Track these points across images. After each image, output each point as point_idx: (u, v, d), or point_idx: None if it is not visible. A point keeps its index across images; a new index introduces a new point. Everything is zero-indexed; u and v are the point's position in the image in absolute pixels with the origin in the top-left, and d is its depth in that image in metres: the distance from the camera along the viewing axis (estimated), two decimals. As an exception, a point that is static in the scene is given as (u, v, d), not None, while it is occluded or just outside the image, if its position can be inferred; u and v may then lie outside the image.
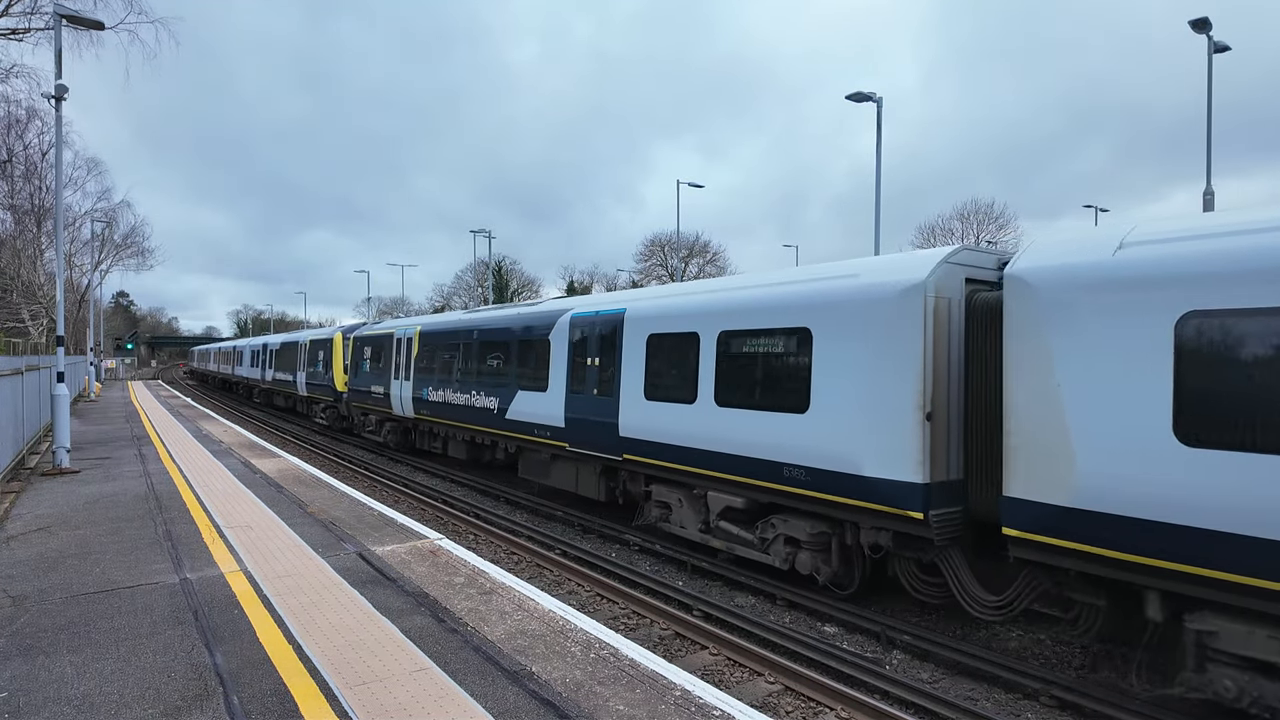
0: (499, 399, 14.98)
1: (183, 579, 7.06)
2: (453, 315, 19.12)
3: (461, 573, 7.45)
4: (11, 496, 11.09)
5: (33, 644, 5.48)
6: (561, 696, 4.72)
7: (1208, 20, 19.02)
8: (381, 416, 21.88)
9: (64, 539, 8.55)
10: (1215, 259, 5.33)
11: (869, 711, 6.27)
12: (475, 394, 15.96)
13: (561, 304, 14.27)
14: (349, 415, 25.03)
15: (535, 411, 13.82)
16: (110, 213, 46.71)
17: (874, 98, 20.72)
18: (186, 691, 4.72)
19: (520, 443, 14.50)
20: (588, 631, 5.92)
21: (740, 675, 7.16)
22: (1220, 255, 5.32)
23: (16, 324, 38.48)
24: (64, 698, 4.63)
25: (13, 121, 33.00)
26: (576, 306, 13.32)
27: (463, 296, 77.72)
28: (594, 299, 13.56)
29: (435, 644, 5.56)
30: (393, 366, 20.44)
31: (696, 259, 69.08)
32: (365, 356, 22.42)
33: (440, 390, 17.63)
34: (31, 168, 37.09)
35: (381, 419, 22.01)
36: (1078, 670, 7.15)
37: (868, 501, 7.67)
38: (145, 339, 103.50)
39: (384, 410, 21.25)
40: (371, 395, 21.82)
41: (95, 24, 15.79)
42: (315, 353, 28.37)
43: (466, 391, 16.35)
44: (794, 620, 8.62)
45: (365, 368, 22.43)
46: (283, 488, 12.02)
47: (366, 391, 22.31)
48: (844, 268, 8.62)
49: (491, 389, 15.40)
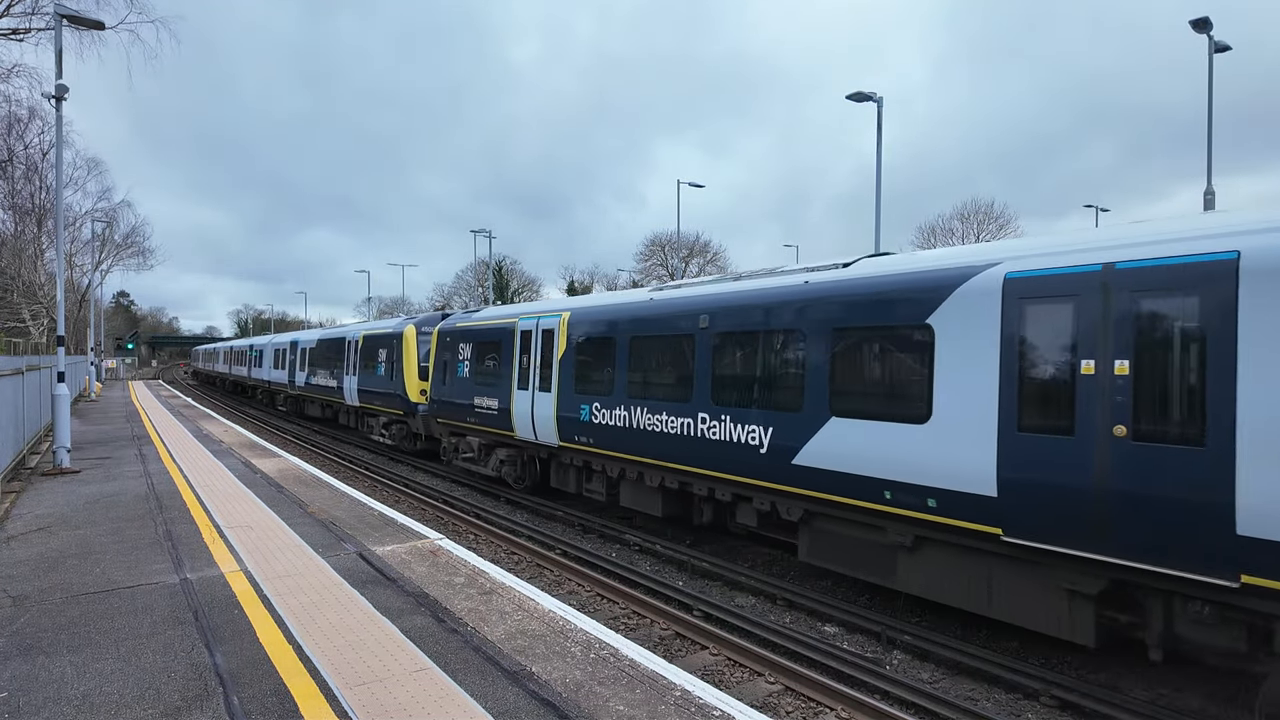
0: (781, 428, 8.75)
1: (183, 579, 7.06)
2: (634, 295, 12.55)
3: (462, 573, 7.45)
4: (12, 496, 11.10)
5: (33, 644, 5.48)
6: (561, 697, 4.72)
7: (1208, 20, 19.01)
8: (492, 440, 15.74)
9: (64, 539, 8.55)
10: None
11: (869, 711, 6.27)
12: (714, 416, 9.71)
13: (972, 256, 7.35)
14: (426, 435, 19.60)
15: (903, 458, 7.45)
16: (111, 212, 46.78)
17: (874, 98, 20.70)
18: (186, 691, 4.72)
19: (827, 512, 8.49)
20: (588, 631, 5.92)
21: (740, 675, 7.15)
22: None
23: (17, 324, 38.50)
24: (64, 698, 4.63)
25: (13, 121, 33.03)
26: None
27: (463, 296, 77.73)
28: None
29: (435, 644, 5.56)
30: (515, 371, 14.42)
31: (697, 259, 69.08)
32: (463, 357, 16.57)
33: (622, 407, 11.49)
34: (32, 167, 37.13)
35: (491, 443, 15.84)
36: (1078, 670, 7.15)
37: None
38: (146, 339, 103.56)
39: (497, 432, 15.15)
40: (475, 410, 15.71)
41: (96, 24, 15.80)
42: (372, 351, 22.46)
43: (697, 412, 9.99)
44: (794, 620, 8.61)
45: (463, 371, 16.51)
46: (283, 488, 12.02)
47: (463, 406, 16.23)
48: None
49: (767, 409, 9.02)
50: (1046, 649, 7.59)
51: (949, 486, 6.93)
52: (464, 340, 16.66)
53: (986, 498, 6.62)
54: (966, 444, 6.75)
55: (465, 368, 16.44)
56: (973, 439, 6.69)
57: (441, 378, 17.43)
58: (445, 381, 17.17)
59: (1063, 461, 6.13)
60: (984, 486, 6.65)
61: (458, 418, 16.66)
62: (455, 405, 16.70)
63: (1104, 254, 6.20)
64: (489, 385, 15.30)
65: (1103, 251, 6.22)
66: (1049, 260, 6.47)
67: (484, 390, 15.45)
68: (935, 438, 7.05)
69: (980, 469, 6.52)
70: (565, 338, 13.03)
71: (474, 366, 16.12)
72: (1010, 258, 6.75)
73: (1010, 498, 6.45)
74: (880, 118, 21.04)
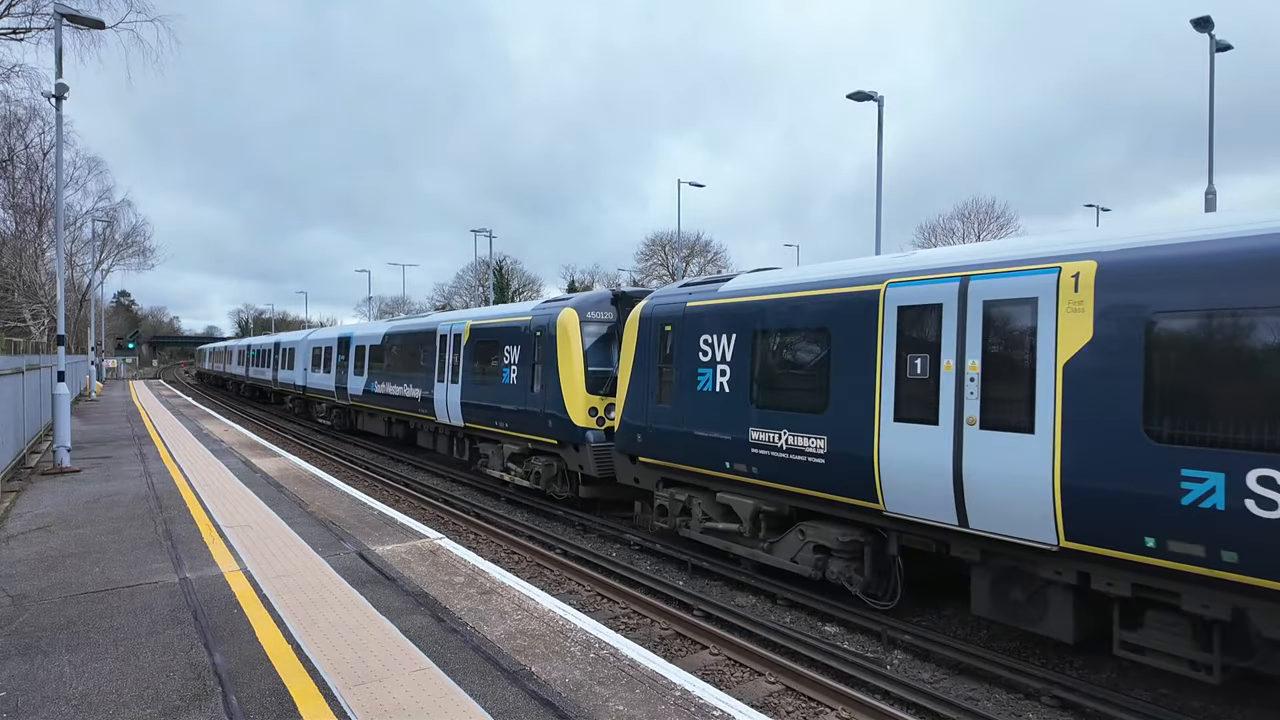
0: None
1: (182, 578, 7.05)
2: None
3: (461, 572, 7.44)
4: (12, 495, 11.10)
5: (32, 643, 5.47)
6: (561, 696, 4.71)
7: (1209, 19, 18.99)
8: (811, 510, 8.76)
9: (64, 538, 8.54)
10: None
11: (870, 711, 6.25)
12: None
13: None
14: (594, 478, 12.74)
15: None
16: (111, 212, 46.85)
17: (875, 97, 20.69)
18: (185, 691, 4.71)
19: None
20: (588, 631, 5.91)
21: (741, 675, 7.14)
22: None
23: (18, 323, 38.55)
24: (63, 697, 4.62)
25: (14, 121, 33.06)
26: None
27: (463, 296, 77.76)
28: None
29: (435, 644, 5.55)
30: (951, 386, 7.15)
31: (697, 258, 69.08)
32: (717, 356, 9.82)
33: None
34: (32, 167, 37.16)
35: (808, 516, 8.87)
36: (1079, 670, 7.13)
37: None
38: (146, 339, 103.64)
39: (845, 502, 8.17)
40: (766, 453, 8.97)
41: (96, 23, 15.80)
42: (490, 349, 15.62)
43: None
44: (794, 620, 8.60)
45: (714, 383, 9.82)
46: (283, 487, 12.01)
47: (718, 442, 9.71)
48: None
49: None
50: (1047, 649, 7.58)
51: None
52: (729, 325, 9.61)
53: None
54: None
55: (727, 376, 9.55)
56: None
57: (652, 390, 10.82)
58: (664, 398, 10.59)
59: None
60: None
61: (696, 459, 10.04)
62: (691, 440, 10.04)
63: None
64: (816, 411, 8.31)
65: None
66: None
67: (789, 419, 8.64)
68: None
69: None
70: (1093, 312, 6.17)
71: (762, 372, 9.17)
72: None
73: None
74: (881, 117, 21.03)
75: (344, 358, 24.96)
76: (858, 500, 7.95)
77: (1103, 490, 5.97)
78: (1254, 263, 5.35)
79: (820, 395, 8.33)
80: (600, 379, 12.77)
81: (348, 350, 24.63)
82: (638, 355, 11.24)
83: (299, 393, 31.28)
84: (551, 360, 13.25)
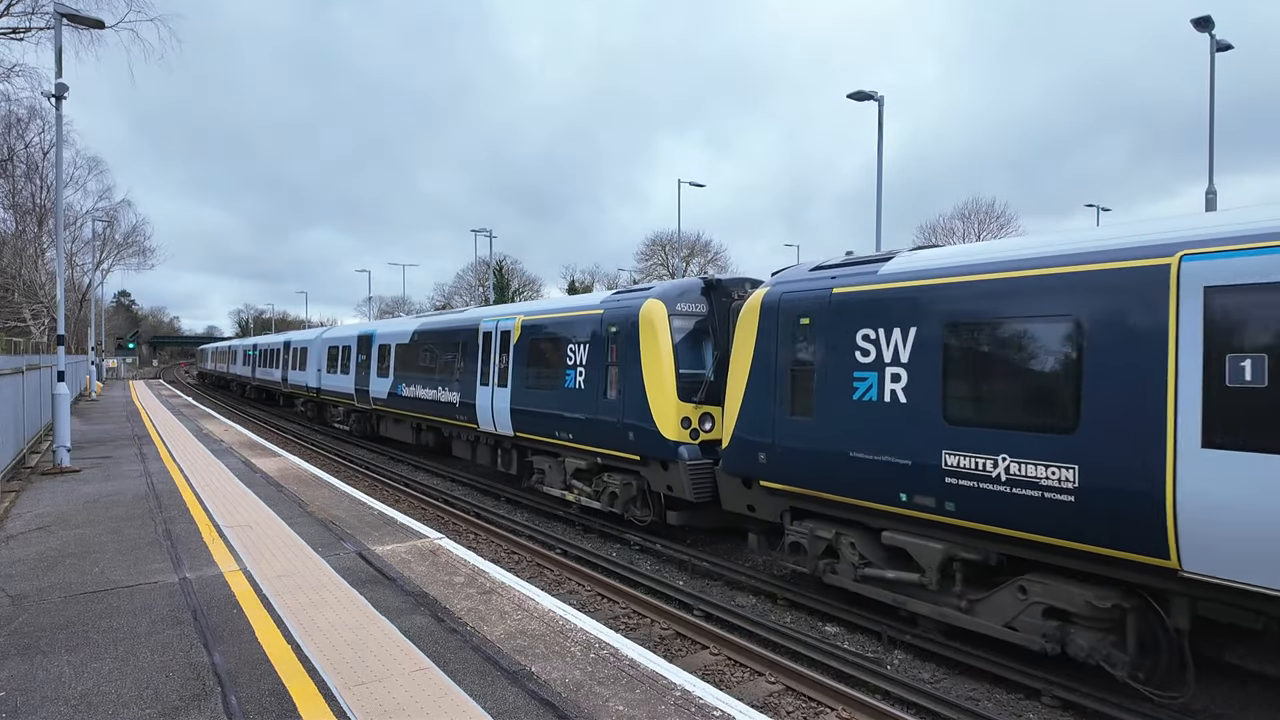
0: None
1: (182, 578, 7.05)
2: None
3: (461, 572, 7.43)
4: (12, 495, 11.09)
5: (31, 643, 5.46)
6: (561, 697, 4.70)
7: (1209, 19, 18.97)
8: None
9: (63, 538, 8.54)
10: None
11: (870, 712, 6.24)
12: None
13: None
14: (699, 497, 10.43)
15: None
16: (111, 211, 46.87)
17: (875, 96, 20.68)
18: (185, 691, 4.70)
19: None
20: (588, 631, 5.90)
21: (741, 675, 7.13)
22: None
23: (18, 323, 38.55)
24: (62, 697, 4.61)
25: (14, 120, 33.07)
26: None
27: (464, 296, 77.75)
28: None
29: (435, 644, 5.54)
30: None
31: (697, 258, 69.08)
32: (878, 358, 7.68)
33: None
34: (33, 167, 37.17)
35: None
36: (1080, 670, 7.12)
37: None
38: (147, 338, 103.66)
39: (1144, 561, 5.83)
40: (981, 488, 6.67)
41: (96, 22, 15.79)
42: (549, 347, 13.47)
43: None
44: (795, 620, 8.59)
45: (876, 393, 7.66)
46: (283, 487, 12.01)
47: (893, 470, 7.42)
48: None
49: None
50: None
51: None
52: (903, 316, 7.47)
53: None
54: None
55: (902, 382, 7.39)
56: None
57: (780, 399, 8.66)
58: (799, 408, 8.43)
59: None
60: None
61: (851, 488, 7.88)
62: (843, 463, 7.87)
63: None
64: (1059, 430, 6.26)
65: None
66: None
67: (1010, 440, 6.53)
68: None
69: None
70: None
71: (961, 378, 7.03)
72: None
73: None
74: (881, 117, 21.03)
75: (365, 357, 22.72)
76: (1130, 554, 5.79)
77: None
78: None
79: (1065, 409, 6.18)
80: (693, 384, 10.70)
81: (369, 350, 22.40)
82: (758, 356, 8.98)
83: (312, 395, 28.90)
84: (632, 361, 11.21)
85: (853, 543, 8.12)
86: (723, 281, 11.42)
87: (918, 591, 7.55)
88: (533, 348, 13.91)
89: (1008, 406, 6.63)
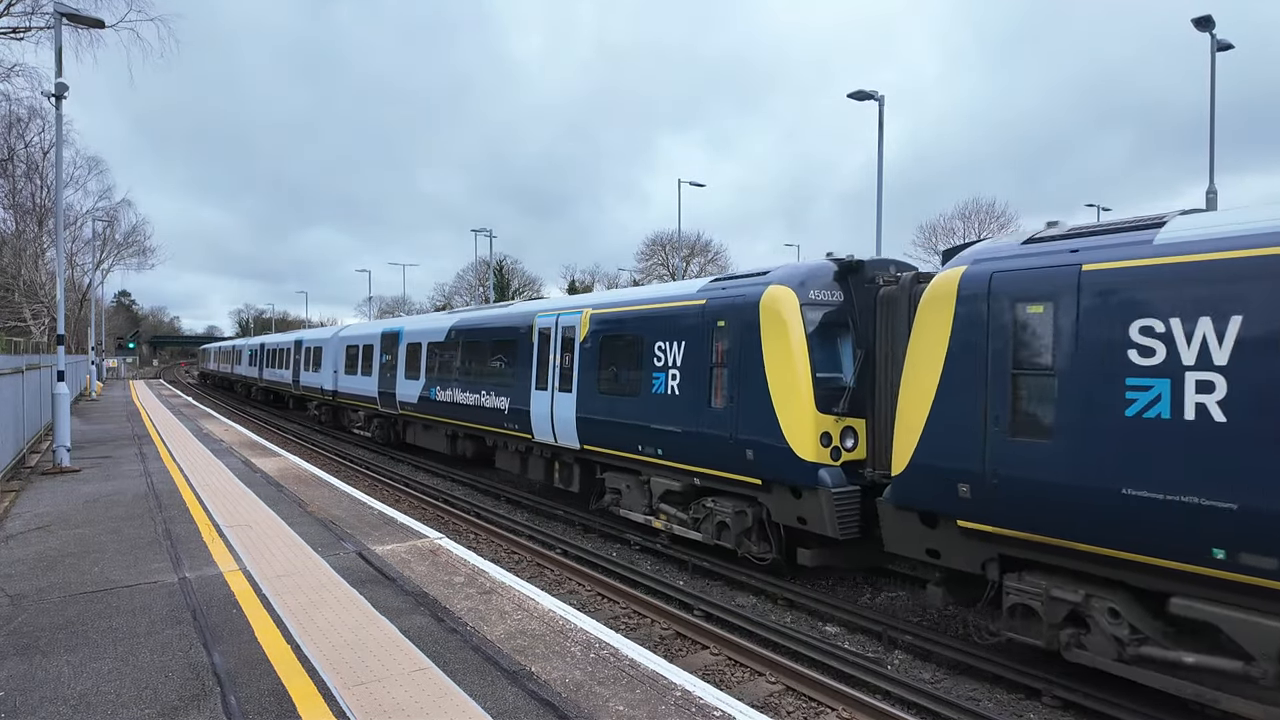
0: None
1: (181, 578, 7.04)
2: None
3: (461, 572, 7.42)
4: (11, 495, 11.08)
5: (30, 643, 5.46)
6: (561, 697, 4.70)
7: (1210, 18, 18.96)
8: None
9: (63, 538, 8.53)
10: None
11: (870, 712, 6.24)
12: None
13: None
14: (845, 534, 8.56)
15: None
16: (111, 211, 46.89)
17: (875, 96, 20.68)
18: (184, 691, 4.70)
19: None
20: (588, 631, 5.89)
21: (741, 675, 7.13)
22: None
23: (18, 323, 38.57)
24: (61, 697, 4.60)
25: (14, 120, 33.07)
26: None
27: (464, 296, 77.79)
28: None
29: (434, 644, 5.53)
30: None
31: (698, 258, 69.07)
32: (1171, 358, 5.62)
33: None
34: (33, 167, 37.18)
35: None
36: (1080, 670, 7.11)
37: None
38: (147, 338, 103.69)
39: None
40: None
41: (96, 22, 15.78)
42: (632, 345, 11.47)
43: None
44: (795, 620, 8.59)
45: (1172, 408, 5.59)
46: (283, 486, 12.00)
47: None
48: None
49: None
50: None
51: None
52: (1219, 300, 5.47)
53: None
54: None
55: (1220, 393, 5.37)
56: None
57: (995, 412, 6.73)
58: (1023, 427, 6.57)
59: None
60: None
61: (1127, 537, 5.85)
62: (1113, 504, 5.87)
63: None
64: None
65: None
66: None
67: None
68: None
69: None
70: None
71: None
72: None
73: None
74: (881, 117, 21.03)
75: (390, 358, 20.73)
76: None
77: None
78: None
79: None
80: (833, 391, 8.70)
81: (395, 349, 20.34)
82: (955, 356, 7.05)
83: (327, 399, 26.95)
84: (751, 362, 9.20)
85: (1115, 609, 6.07)
86: (865, 263, 9.25)
87: (1238, 685, 5.52)
88: (605, 346, 12.00)
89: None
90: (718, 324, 9.85)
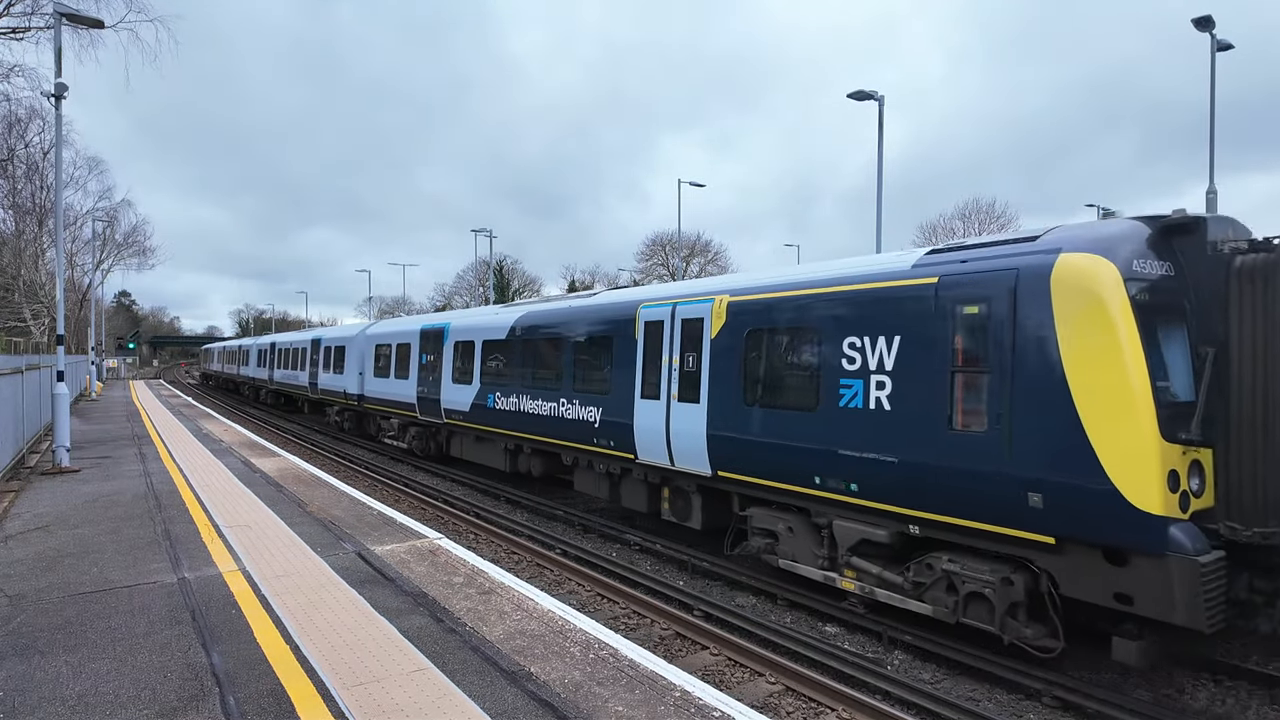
0: None
1: (181, 578, 7.03)
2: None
3: (461, 572, 7.42)
4: (11, 495, 11.08)
5: (29, 643, 5.45)
6: (560, 697, 4.69)
7: (1210, 18, 18.94)
8: None
9: (62, 538, 8.52)
10: None
11: (870, 712, 6.23)
12: None
13: None
14: (1211, 624, 5.63)
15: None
16: (111, 212, 46.90)
17: (875, 96, 20.67)
18: (183, 692, 4.69)
19: None
20: (587, 632, 5.89)
21: (741, 675, 7.12)
22: None
23: (18, 323, 38.56)
24: (59, 698, 4.60)
25: (14, 120, 33.08)
26: None
27: (464, 296, 77.77)
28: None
29: (434, 644, 5.53)
30: None
31: (698, 258, 69.04)
32: None
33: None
34: (32, 167, 37.18)
35: None
36: (1080, 671, 7.11)
37: None
38: (147, 339, 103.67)
39: None
40: None
41: (95, 22, 15.77)
42: (797, 340, 8.75)
43: None
44: (795, 620, 8.58)
45: None
46: (282, 487, 12.00)
47: None
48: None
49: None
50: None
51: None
52: None
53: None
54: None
55: None
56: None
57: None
58: None
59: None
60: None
61: None
62: None
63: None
64: None
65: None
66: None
67: None
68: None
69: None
70: None
71: None
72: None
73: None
74: (881, 117, 21.03)
75: (433, 358, 18.01)
76: None
77: None
78: None
79: None
80: (1178, 409, 6.07)
81: (440, 349, 17.68)
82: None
83: (351, 404, 24.07)
84: (1039, 365, 6.40)
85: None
86: (1205, 220, 6.47)
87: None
88: (751, 343, 9.31)
89: None
90: (962, 310, 7.02)
